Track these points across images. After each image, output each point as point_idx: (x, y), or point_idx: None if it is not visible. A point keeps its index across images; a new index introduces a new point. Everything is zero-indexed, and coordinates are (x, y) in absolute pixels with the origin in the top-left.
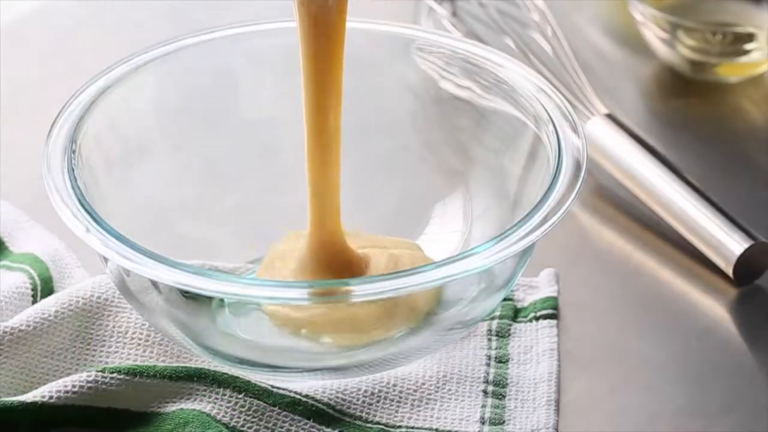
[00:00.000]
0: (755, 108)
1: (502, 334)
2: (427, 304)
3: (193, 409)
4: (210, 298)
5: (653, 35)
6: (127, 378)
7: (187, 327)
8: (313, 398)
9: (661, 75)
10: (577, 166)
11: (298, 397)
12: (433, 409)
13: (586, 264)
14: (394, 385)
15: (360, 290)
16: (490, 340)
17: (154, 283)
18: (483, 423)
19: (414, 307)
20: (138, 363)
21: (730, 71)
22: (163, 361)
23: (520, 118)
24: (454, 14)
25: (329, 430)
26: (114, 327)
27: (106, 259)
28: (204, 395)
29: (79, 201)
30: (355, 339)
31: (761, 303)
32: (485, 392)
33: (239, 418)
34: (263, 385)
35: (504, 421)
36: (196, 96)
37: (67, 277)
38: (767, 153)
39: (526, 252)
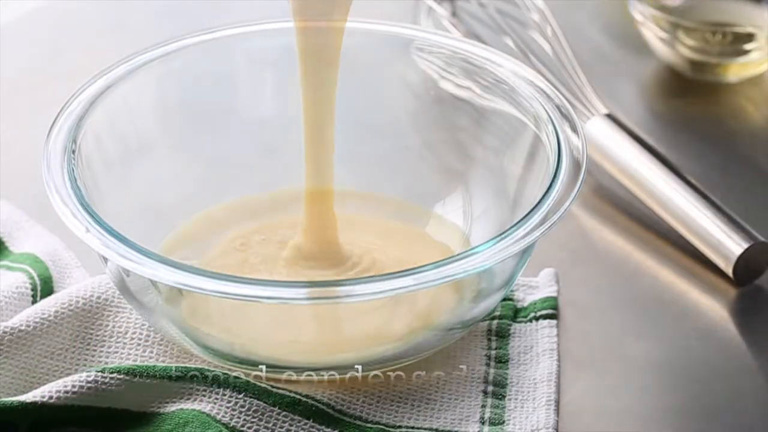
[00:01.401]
0: (755, 108)
1: (502, 334)
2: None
3: (193, 409)
4: None
5: (653, 35)
6: (127, 378)
7: (186, 327)
8: (313, 398)
9: (661, 75)
10: (577, 166)
11: (298, 397)
12: (433, 409)
13: (586, 264)
14: (395, 386)
15: (360, 290)
16: (490, 340)
17: (154, 283)
18: (483, 423)
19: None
20: (138, 363)
21: (730, 71)
22: (163, 361)
23: (519, 118)
24: (454, 14)
25: (329, 430)
26: (114, 327)
27: (105, 259)
28: (204, 395)
29: (79, 201)
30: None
31: (761, 303)
32: (485, 392)
33: (239, 418)
34: (263, 385)
35: (504, 421)
36: (196, 96)
37: (67, 277)
38: (767, 153)
39: (526, 252)
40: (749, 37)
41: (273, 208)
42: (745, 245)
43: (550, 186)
